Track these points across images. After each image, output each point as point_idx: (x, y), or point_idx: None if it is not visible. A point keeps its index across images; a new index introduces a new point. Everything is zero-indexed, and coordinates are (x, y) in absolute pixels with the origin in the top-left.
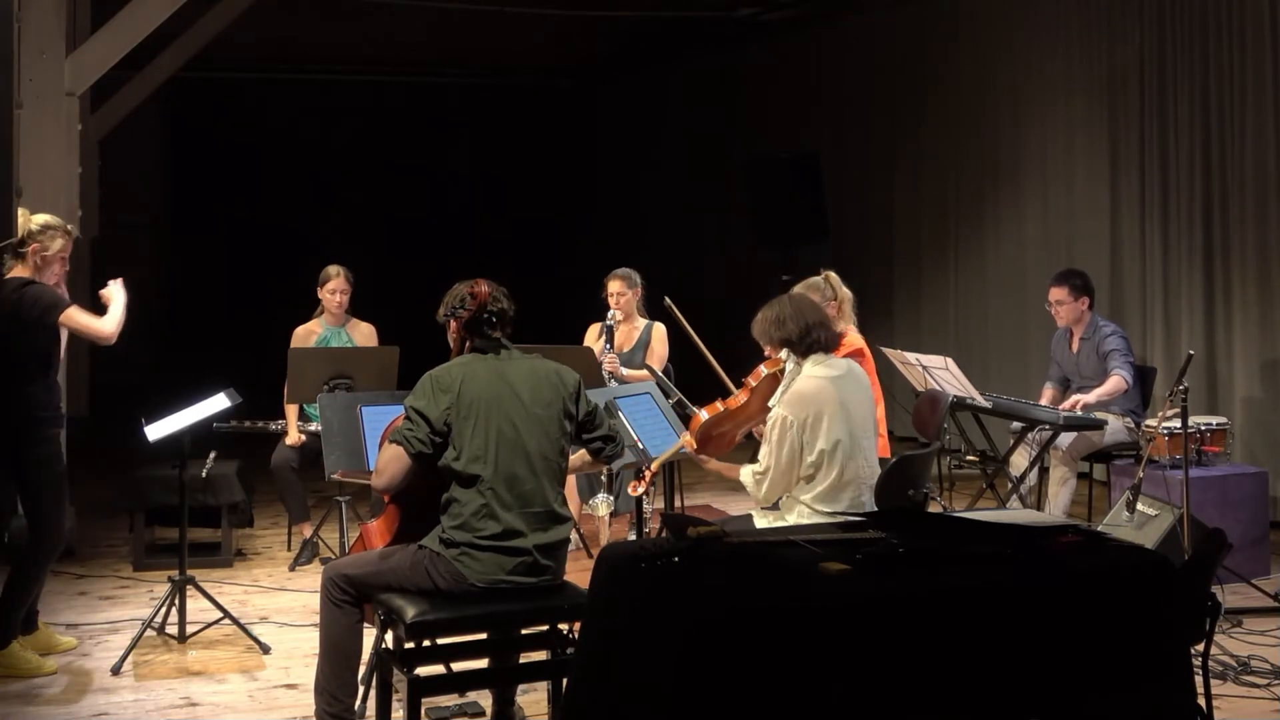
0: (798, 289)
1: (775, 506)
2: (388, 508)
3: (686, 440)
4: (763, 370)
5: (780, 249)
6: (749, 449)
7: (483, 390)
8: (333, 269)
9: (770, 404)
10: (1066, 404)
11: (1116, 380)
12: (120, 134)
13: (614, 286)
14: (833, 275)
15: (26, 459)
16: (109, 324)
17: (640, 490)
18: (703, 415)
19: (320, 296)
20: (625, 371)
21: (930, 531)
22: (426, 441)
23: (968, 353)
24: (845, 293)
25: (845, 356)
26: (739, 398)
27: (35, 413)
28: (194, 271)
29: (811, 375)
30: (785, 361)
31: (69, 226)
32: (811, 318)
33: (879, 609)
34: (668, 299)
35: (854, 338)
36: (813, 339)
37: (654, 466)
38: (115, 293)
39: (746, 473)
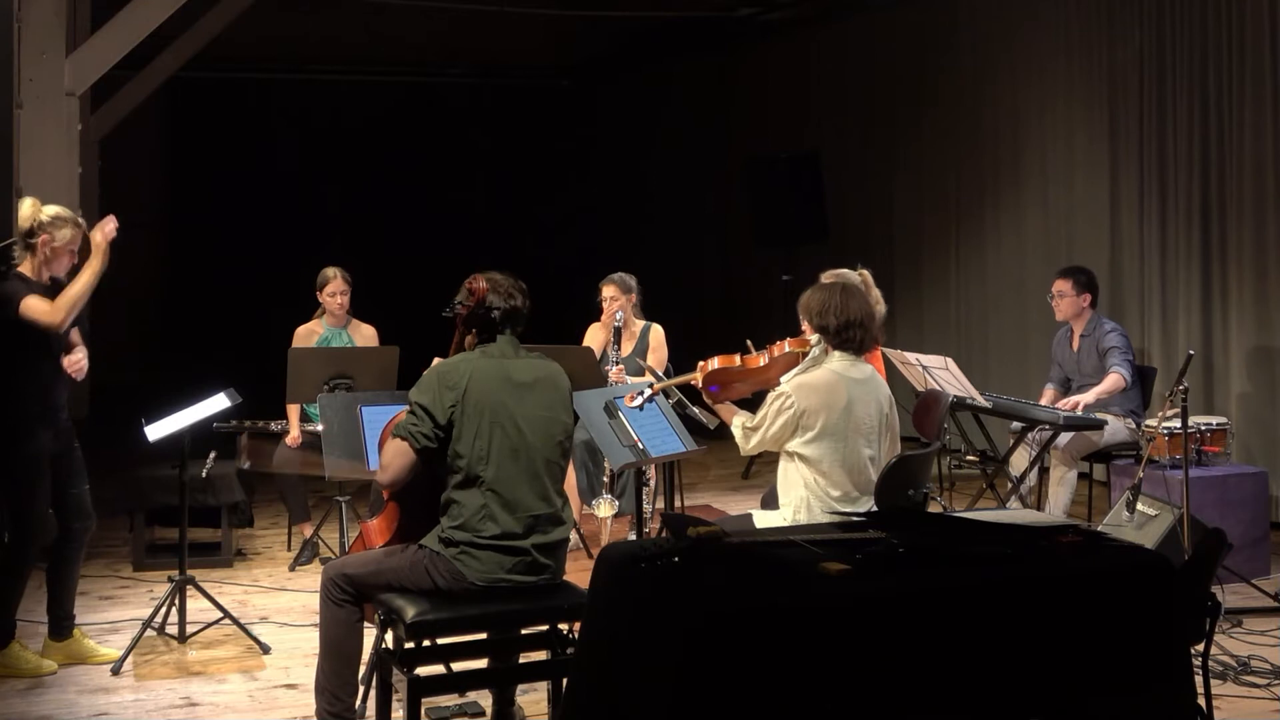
0: (826, 275)
1: (776, 506)
2: (387, 506)
3: (694, 377)
4: (786, 346)
5: (780, 249)
6: (752, 406)
7: (487, 390)
8: (330, 271)
9: (783, 379)
10: (1065, 403)
11: (1114, 378)
12: (120, 134)
13: (608, 291)
14: (867, 275)
15: (6, 457)
16: (58, 314)
17: (636, 403)
18: (714, 362)
19: (320, 299)
20: (631, 381)
21: (930, 531)
22: (431, 437)
23: (968, 353)
24: (875, 294)
25: None
26: (758, 359)
27: (17, 409)
28: (194, 271)
29: (831, 369)
30: (813, 347)
31: (79, 218)
32: (855, 316)
33: (879, 609)
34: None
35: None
36: (847, 336)
37: (657, 387)
38: (94, 251)
39: (738, 422)
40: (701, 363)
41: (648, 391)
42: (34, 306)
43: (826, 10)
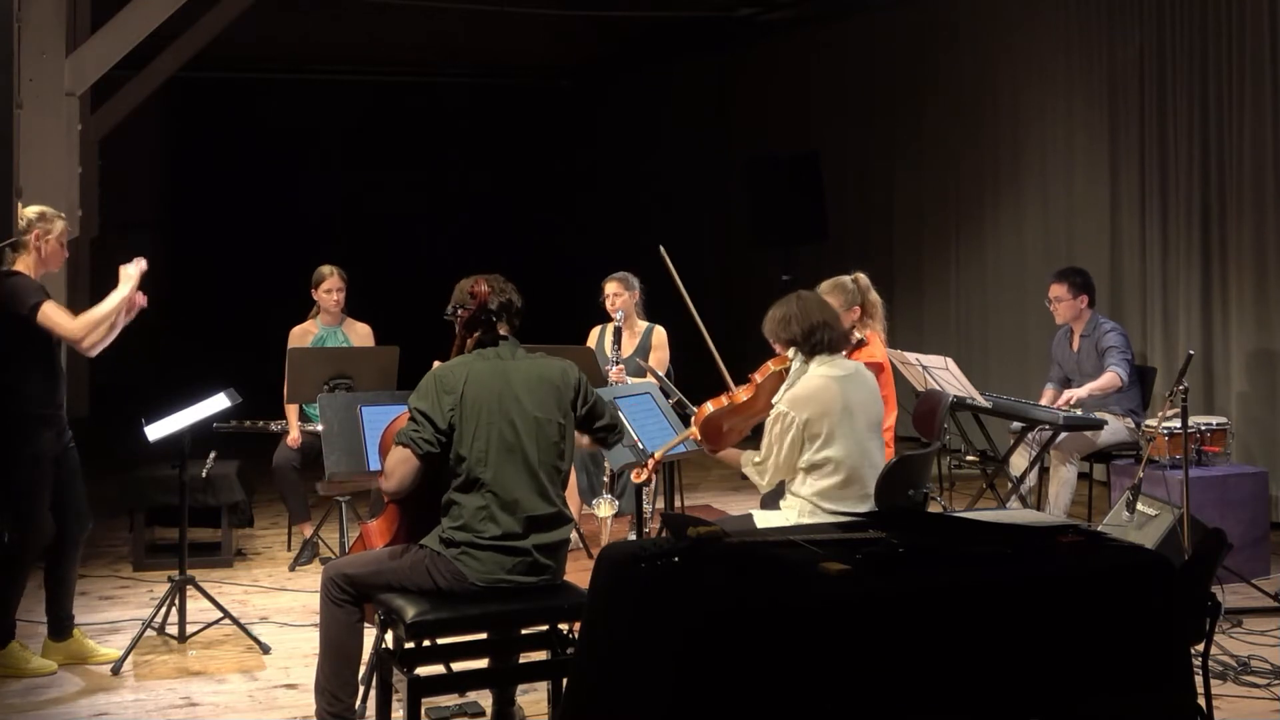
0: (825, 285)
1: (776, 506)
2: (388, 507)
3: (691, 433)
4: (770, 367)
5: (780, 249)
6: (755, 440)
7: (485, 392)
8: (326, 269)
9: (774, 401)
10: (1060, 400)
11: (1111, 376)
12: (120, 134)
13: (611, 288)
14: (862, 277)
15: (8, 456)
16: (79, 327)
17: (643, 479)
18: (708, 408)
19: (316, 297)
20: (631, 381)
21: (930, 531)
22: (434, 442)
23: (968, 353)
24: (874, 298)
25: (866, 366)
26: (743, 394)
27: (19, 408)
28: (194, 271)
29: (817, 375)
30: (791, 360)
31: (61, 214)
32: (816, 318)
33: (879, 609)
34: (661, 248)
35: (876, 349)
36: (817, 339)
37: (658, 456)
38: (122, 279)
39: (746, 460)
40: (694, 415)
41: (651, 463)
42: (57, 315)
43: (826, 10)
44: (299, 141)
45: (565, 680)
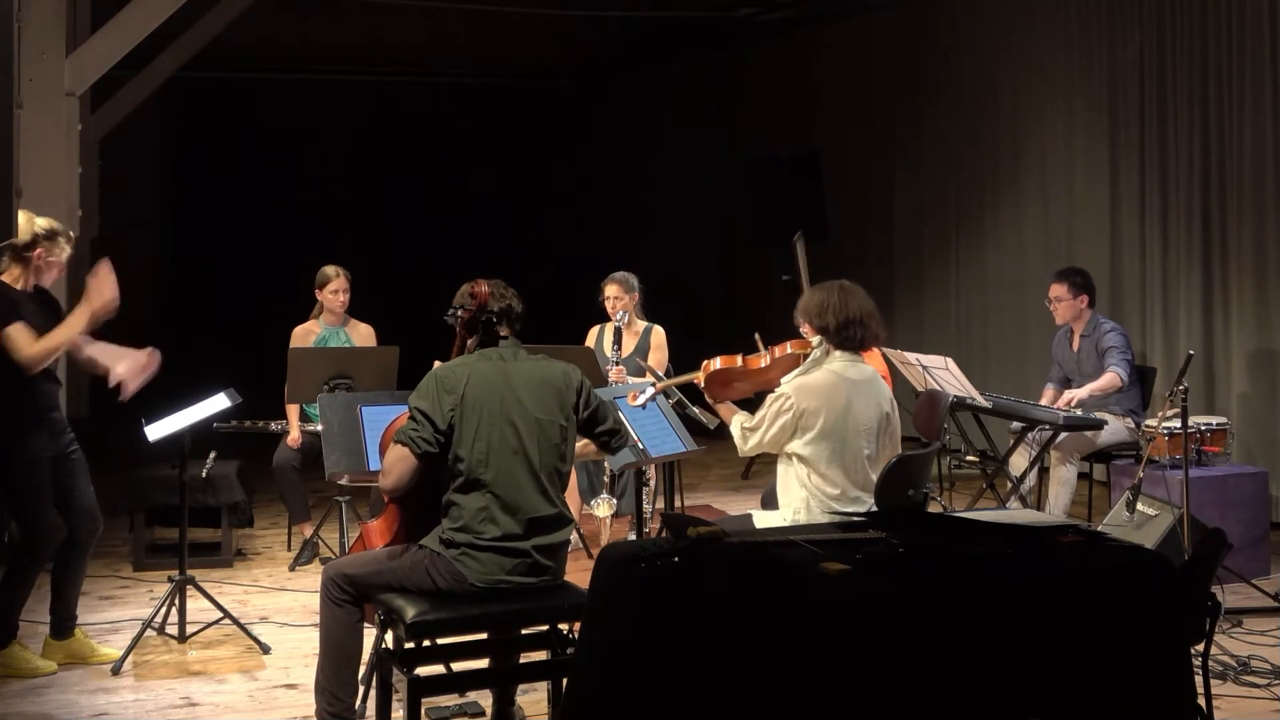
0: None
1: (775, 506)
2: (388, 507)
3: (696, 376)
4: (789, 348)
5: (780, 249)
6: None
7: (486, 393)
8: (330, 269)
9: (784, 379)
10: (1061, 400)
11: (1111, 376)
12: (120, 134)
13: (610, 290)
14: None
15: (4, 460)
16: (32, 356)
17: (638, 402)
18: (716, 362)
19: (320, 298)
20: (631, 381)
21: (930, 531)
22: (432, 441)
23: (968, 353)
24: None
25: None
26: (760, 359)
27: (11, 412)
28: (193, 271)
29: (831, 370)
30: (815, 348)
31: (71, 233)
32: (854, 313)
33: (879, 609)
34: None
35: (873, 356)
36: (848, 334)
37: (660, 386)
38: (95, 291)
39: (736, 421)
40: (705, 362)
41: (650, 390)
42: (16, 339)
43: (826, 10)
44: (299, 141)
45: (565, 680)
